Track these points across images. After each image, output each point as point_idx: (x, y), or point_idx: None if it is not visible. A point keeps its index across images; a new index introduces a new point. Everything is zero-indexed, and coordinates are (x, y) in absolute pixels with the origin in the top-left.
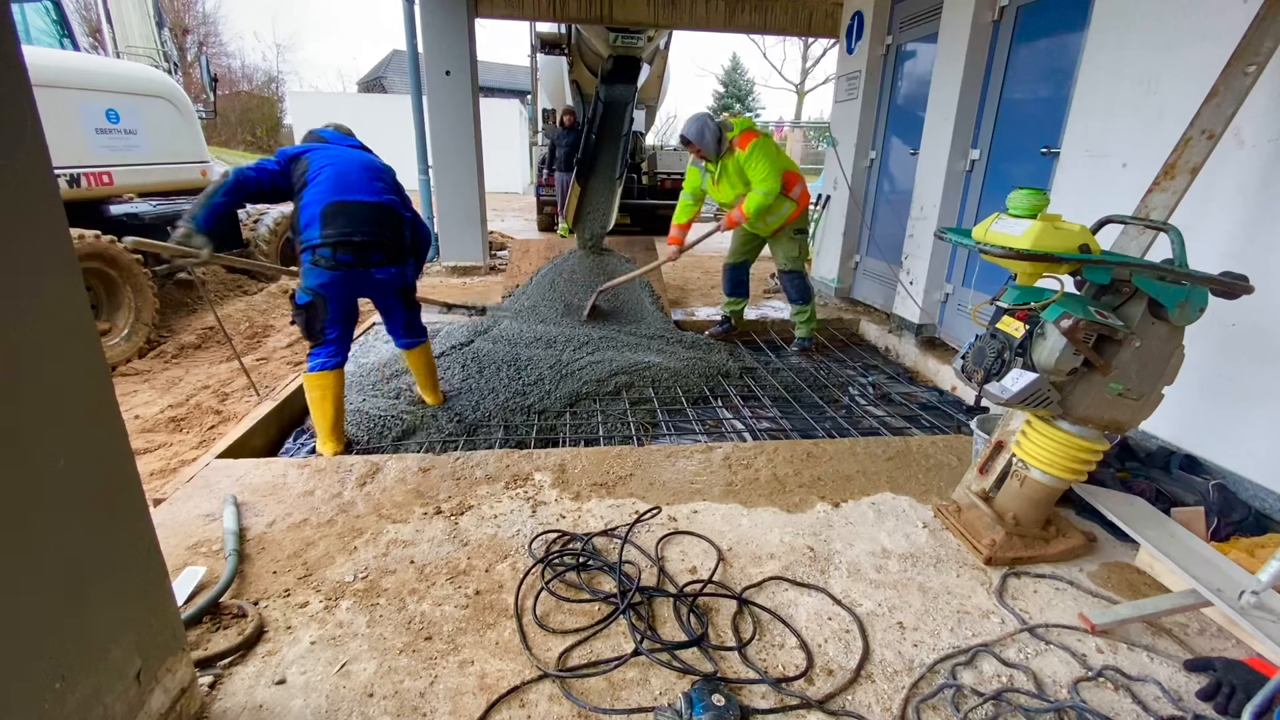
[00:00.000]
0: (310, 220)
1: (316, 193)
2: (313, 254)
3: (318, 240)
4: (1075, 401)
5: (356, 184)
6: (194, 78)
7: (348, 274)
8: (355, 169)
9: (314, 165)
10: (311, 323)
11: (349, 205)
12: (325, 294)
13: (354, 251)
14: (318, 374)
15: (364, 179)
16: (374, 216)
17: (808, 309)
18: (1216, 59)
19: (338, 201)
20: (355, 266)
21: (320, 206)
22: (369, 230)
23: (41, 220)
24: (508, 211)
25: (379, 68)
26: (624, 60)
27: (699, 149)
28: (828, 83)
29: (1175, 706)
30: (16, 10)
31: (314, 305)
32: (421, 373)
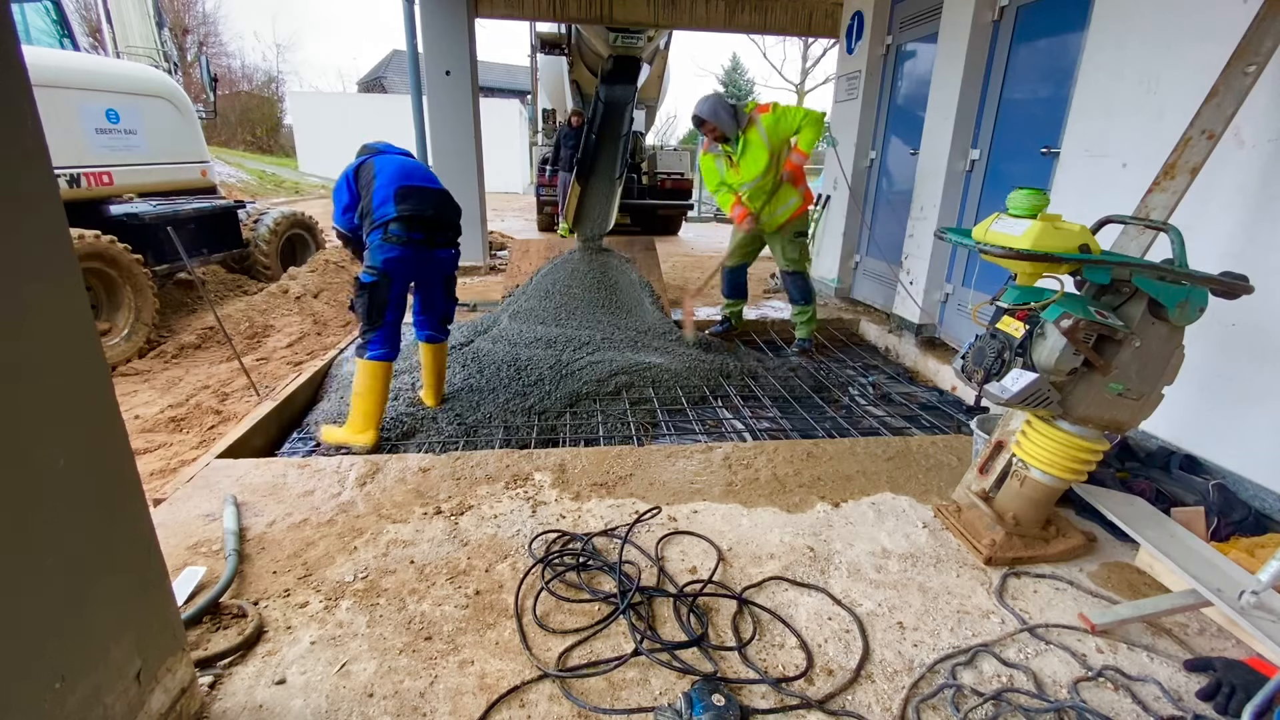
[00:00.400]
0: (385, 199)
1: (388, 178)
2: (384, 231)
3: (393, 214)
4: (1075, 401)
5: (421, 175)
6: (194, 78)
7: (416, 252)
8: (414, 166)
9: (380, 164)
10: (373, 303)
11: (419, 189)
12: (392, 272)
13: (425, 228)
14: (376, 363)
15: (426, 172)
16: (440, 199)
17: (809, 309)
18: (1216, 59)
19: (410, 185)
20: (423, 246)
21: (395, 187)
22: (438, 209)
23: (41, 220)
24: (508, 211)
25: (379, 68)
26: (624, 60)
27: (715, 127)
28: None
29: (1175, 706)
30: (16, 10)
31: (379, 285)
32: (433, 370)
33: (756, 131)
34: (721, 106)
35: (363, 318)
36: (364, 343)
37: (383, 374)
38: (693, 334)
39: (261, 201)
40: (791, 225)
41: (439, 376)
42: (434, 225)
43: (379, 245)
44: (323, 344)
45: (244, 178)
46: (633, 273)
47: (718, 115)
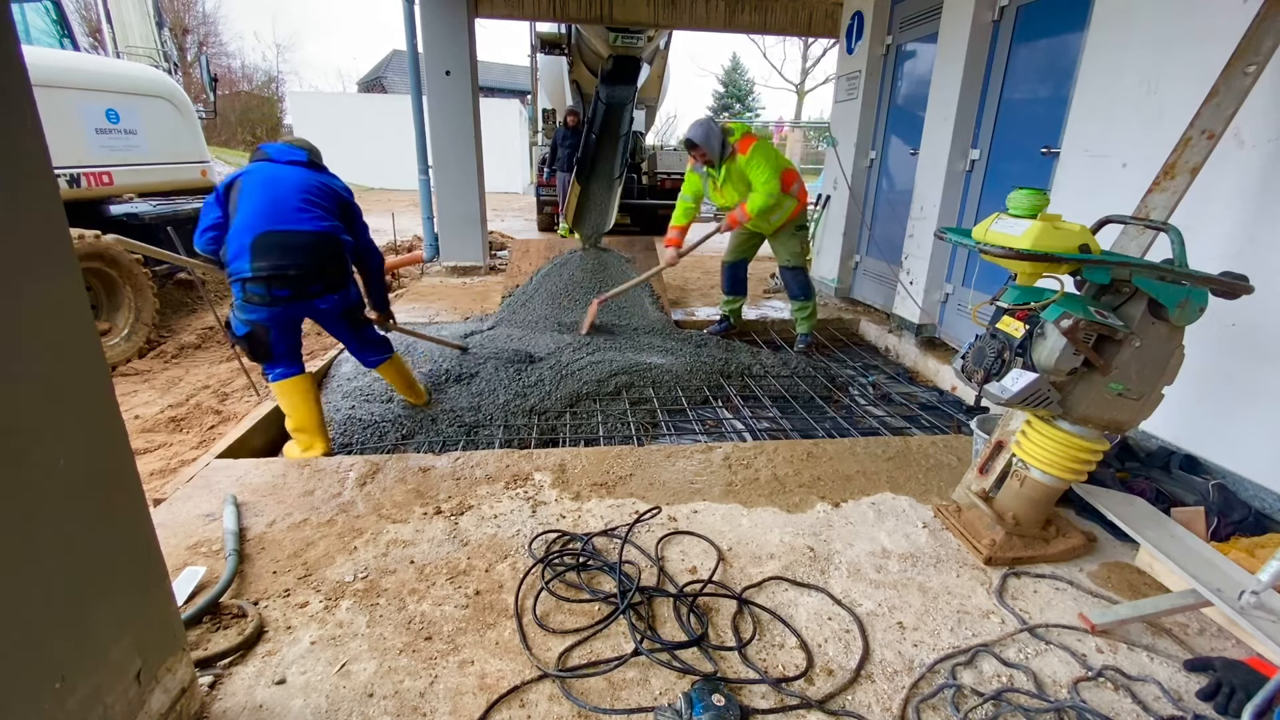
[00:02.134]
0: (240, 251)
1: (245, 220)
2: (243, 289)
3: (248, 273)
4: (1075, 401)
5: (290, 211)
6: (194, 78)
7: (285, 307)
8: (291, 193)
9: (245, 189)
10: (256, 349)
11: (281, 235)
12: (266, 324)
13: (290, 284)
14: (283, 382)
15: (299, 204)
16: (310, 246)
17: (809, 305)
18: (1216, 59)
19: (269, 231)
20: (293, 300)
21: (251, 236)
22: (304, 262)
23: (41, 220)
24: (508, 211)
25: (379, 68)
26: (624, 60)
27: (704, 153)
28: (828, 83)
29: (1175, 706)
30: (16, 10)
31: (253, 335)
32: (398, 383)
33: (734, 167)
34: (714, 134)
35: (250, 359)
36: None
37: (295, 389)
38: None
39: None
40: (792, 221)
41: (408, 383)
42: (302, 279)
43: (241, 304)
44: (323, 344)
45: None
46: (632, 273)
47: (709, 143)
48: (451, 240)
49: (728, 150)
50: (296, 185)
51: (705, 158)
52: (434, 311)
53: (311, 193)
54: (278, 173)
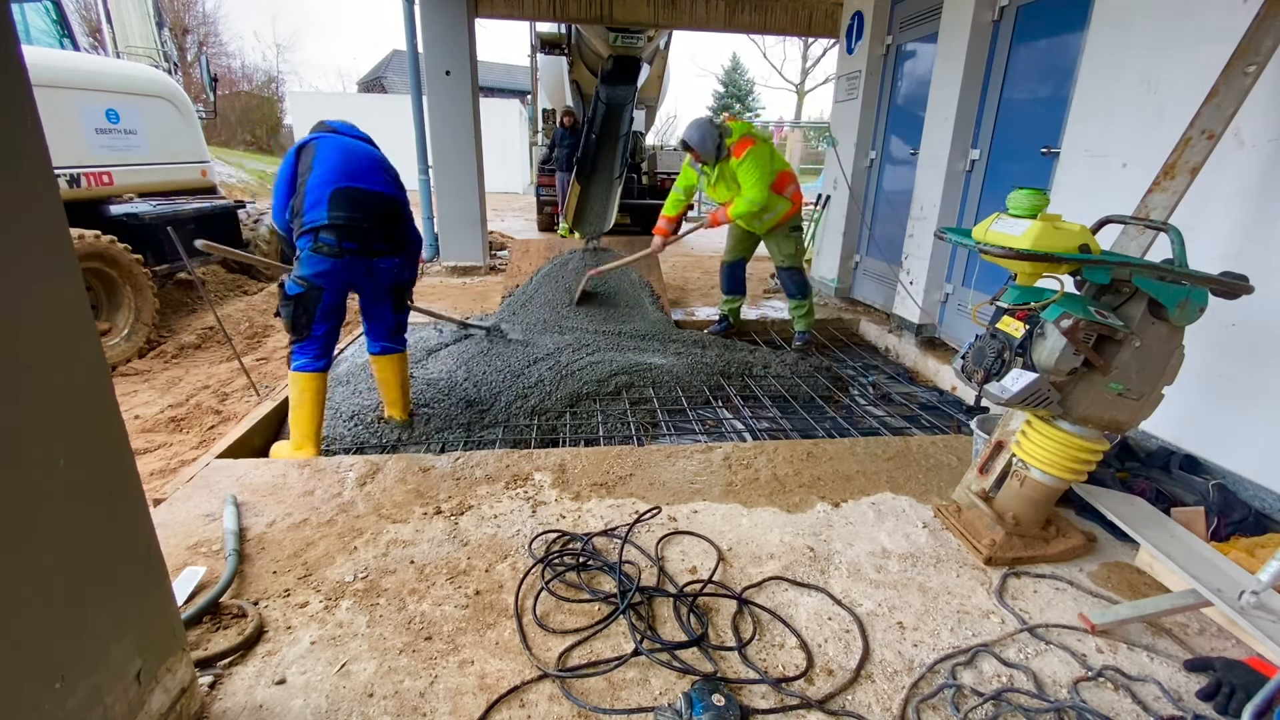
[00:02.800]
0: (318, 201)
1: (325, 175)
2: (314, 239)
3: (325, 220)
4: (1075, 401)
5: (365, 173)
6: (194, 78)
7: (350, 261)
8: (363, 159)
9: (321, 151)
10: (299, 316)
11: (358, 191)
12: (321, 284)
13: (360, 238)
14: (302, 374)
15: (372, 169)
16: (382, 206)
17: (806, 304)
18: (1216, 59)
19: (348, 187)
20: (359, 255)
21: (330, 188)
22: (376, 217)
23: (41, 220)
24: (508, 211)
25: (379, 68)
26: (624, 60)
27: (699, 154)
28: (828, 83)
29: (1175, 706)
30: (16, 10)
31: (305, 296)
32: (393, 385)
33: (728, 169)
34: (709, 137)
35: (288, 328)
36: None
37: (311, 385)
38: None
39: (261, 201)
40: (786, 223)
41: (402, 389)
42: (371, 235)
43: (308, 255)
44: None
45: (244, 178)
46: (633, 273)
47: (704, 146)
48: (451, 240)
49: (723, 152)
50: (369, 154)
51: (700, 158)
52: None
53: (382, 164)
54: (350, 142)
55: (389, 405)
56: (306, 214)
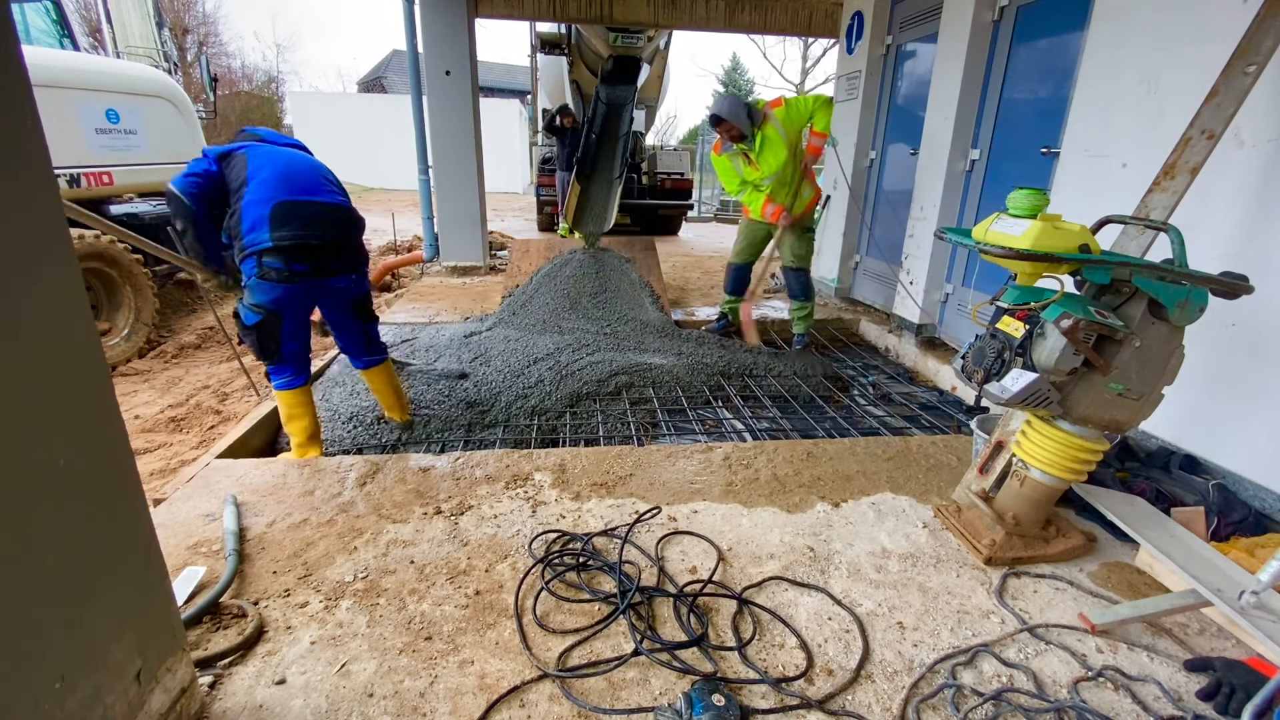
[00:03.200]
0: (257, 222)
1: (261, 191)
2: (259, 264)
3: (268, 243)
4: (1075, 401)
5: (306, 183)
6: (194, 78)
7: (304, 286)
8: (305, 168)
9: (253, 162)
10: (265, 343)
11: (302, 205)
12: (279, 309)
13: (310, 258)
14: (287, 392)
15: (312, 178)
16: (330, 218)
17: (809, 306)
18: (1216, 59)
19: (290, 201)
20: (311, 276)
21: (269, 206)
22: (325, 233)
23: (41, 220)
24: (508, 211)
25: (379, 68)
26: (624, 60)
27: (733, 125)
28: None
29: (1175, 706)
30: (16, 10)
31: (265, 325)
32: (386, 393)
33: (772, 126)
34: (739, 105)
35: (257, 355)
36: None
37: (299, 399)
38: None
39: None
40: (803, 220)
41: (397, 394)
42: (322, 252)
43: (256, 283)
44: (323, 344)
45: None
46: (633, 273)
47: (736, 114)
48: (451, 240)
49: (758, 117)
50: (309, 162)
51: (733, 131)
52: (434, 311)
53: (323, 172)
54: (284, 152)
55: (388, 410)
56: (245, 236)
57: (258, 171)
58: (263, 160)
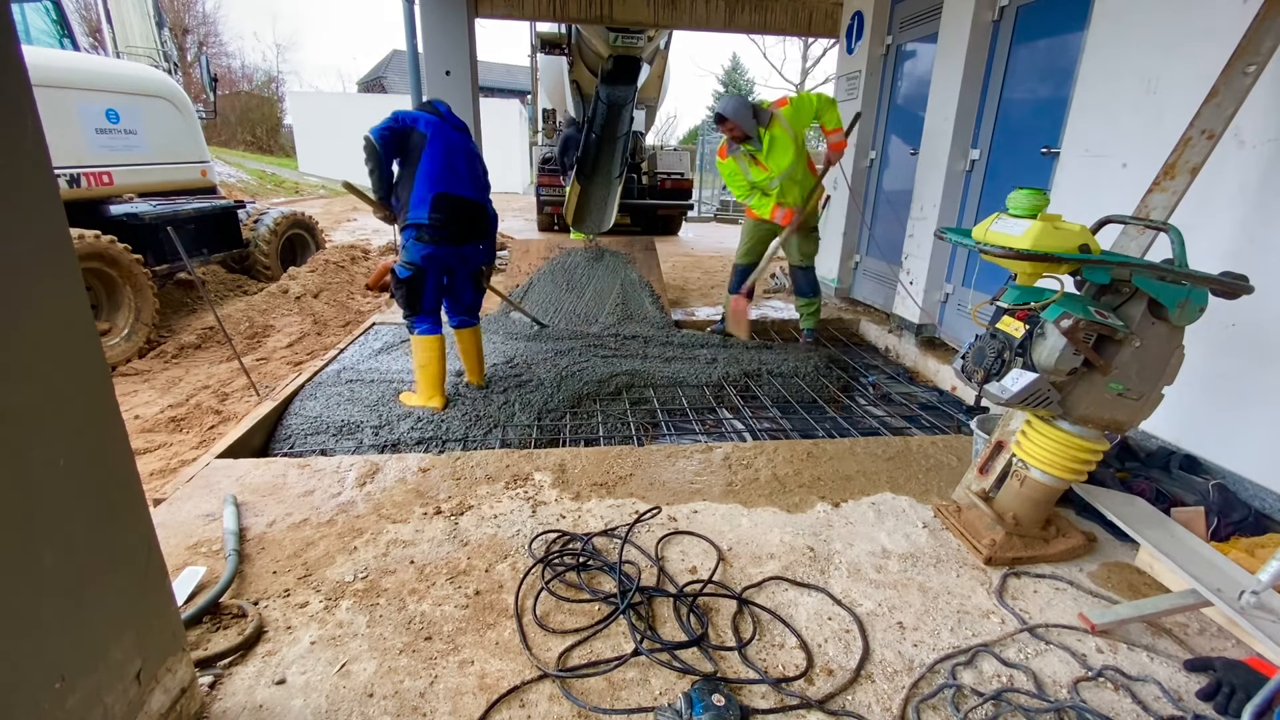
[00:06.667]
0: (421, 202)
1: (431, 176)
2: (418, 231)
3: (426, 221)
4: (1075, 401)
5: (464, 178)
6: (194, 78)
7: (447, 248)
8: (462, 159)
9: (432, 148)
10: (412, 294)
11: (456, 199)
12: (426, 266)
13: (454, 231)
14: (426, 338)
15: (468, 173)
16: (473, 212)
17: (816, 302)
18: (1216, 59)
19: (448, 194)
20: (454, 243)
21: (434, 192)
22: (467, 222)
23: (41, 220)
24: (508, 211)
25: (379, 68)
26: (624, 60)
27: (736, 125)
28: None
29: (1175, 706)
30: (16, 10)
31: (415, 279)
32: (471, 353)
33: (780, 125)
34: (744, 106)
35: (403, 306)
36: (410, 324)
37: (433, 345)
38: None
39: (261, 201)
40: (810, 220)
41: (478, 357)
42: (459, 231)
43: (413, 243)
44: (323, 344)
45: (244, 178)
46: (633, 273)
47: (740, 114)
48: None
49: (764, 117)
50: (465, 154)
51: (736, 132)
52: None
53: (473, 162)
54: (452, 138)
55: (469, 372)
56: (412, 210)
57: (431, 160)
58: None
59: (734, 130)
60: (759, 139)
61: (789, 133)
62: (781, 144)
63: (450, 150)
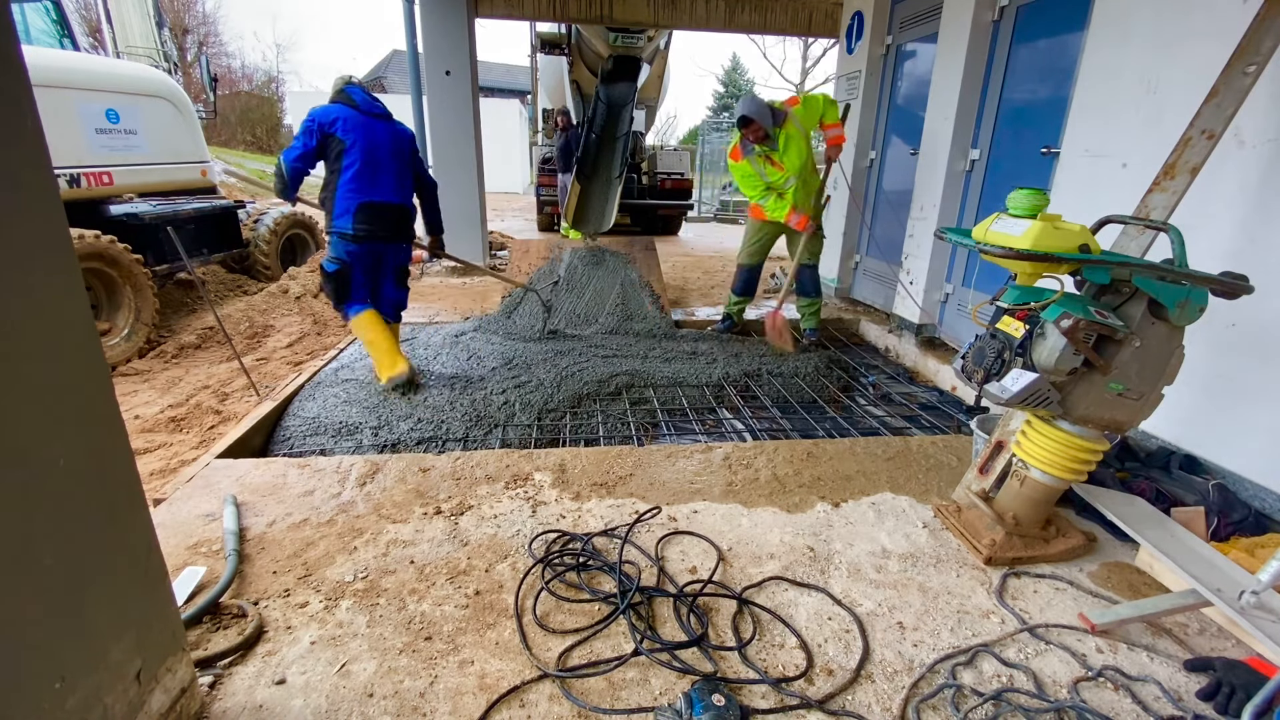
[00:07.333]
0: (344, 212)
1: (353, 187)
2: (341, 236)
3: (349, 230)
4: (1075, 401)
5: (385, 182)
6: (194, 78)
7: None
8: (385, 156)
9: (349, 147)
10: (340, 287)
11: (378, 207)
12: (351, 261)
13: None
14: (359, 315)
15: (392, 170)
16: (395, 216)
17: (819, 302)
18: (1216, 59)
19: (370, 203)
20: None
21: (355, 203)
22: (391, 225)
23: (41, 220)
24: (508, 211)
25: (379, 68)
26: (624, 60)
27: (760, 125)
28: (828, 83)
29: (1175, 706)
30: (16, 10)
31: (341, 273)
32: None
33: (793, 124)
34: (764, 106)
35: (332, 298)
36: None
37: (369, 320)
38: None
39: (261, 201)
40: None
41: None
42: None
43: (338, 241)
44: (323, 344)
45: (244, 177)
46: (633, 273)
47: (762, 114)
48: (451, 240)
49: (780, 117)
50: (388, 150)
51: (759, 133)
52: (434, 311)
53: (397, 158)
54: (374, 134)
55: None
56: (336, 220)
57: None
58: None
59: (757, 131)
60: (775, 139)
61: (801, 131)
62: (796, 142)
63: (371, 151)
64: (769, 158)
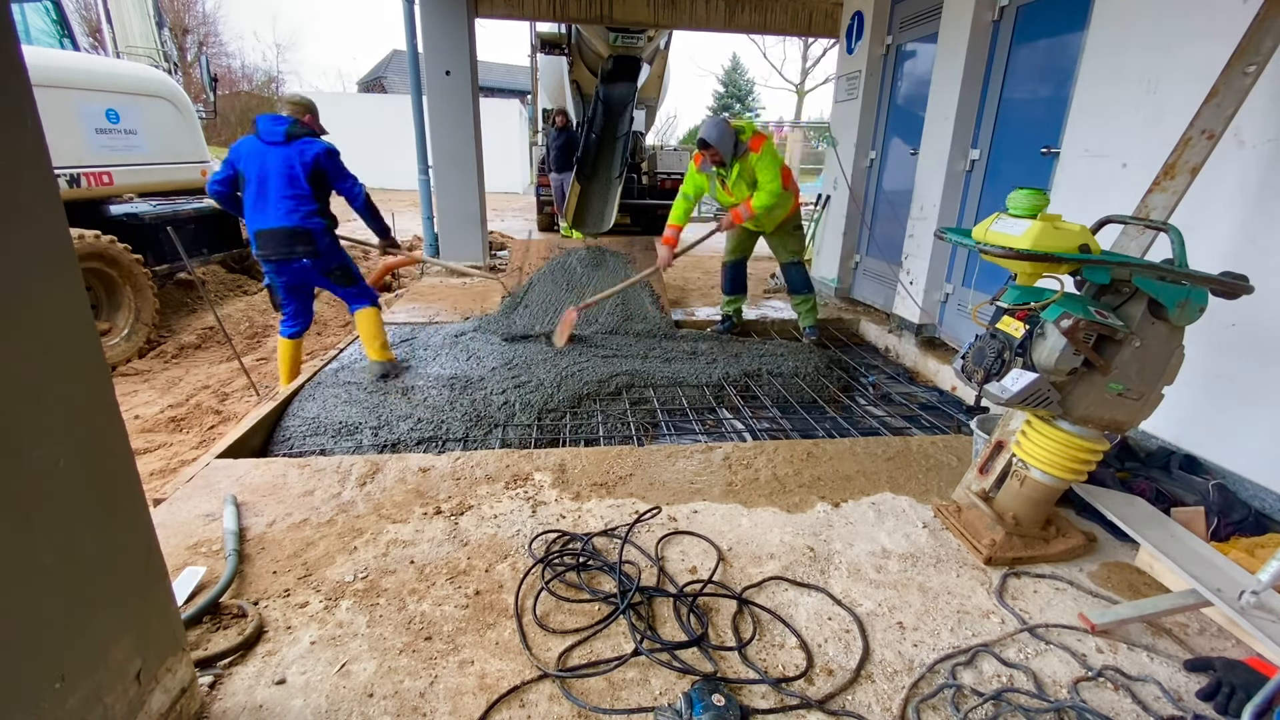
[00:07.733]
0: (251, 236)
1: (247, 214)
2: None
3: (257, 253)
4: (1075, 401)
5: (270, 207)
6: (194, 78)
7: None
8: (274, 184)
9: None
10: (272, 298)
11: (267, 232)
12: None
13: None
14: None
15: (283, 193)
16: (287, 237)
17: (810, 298)
18: (1216, 59)
19: (260, 230)
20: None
21: (252, 229)
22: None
23: (41, 220)
24: (508, 211)
25: (379, 68)
26: (624, 60)
27: (717, 153)
28: (828, 83)
29: (1175, 706)
30: (16, 10)
31: (271, 286)
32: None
33: (745, 165)
34: (727, 135)
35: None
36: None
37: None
38: (565, 342)
39: None
40: (789, 221)
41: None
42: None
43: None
44: (323, 344)
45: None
46: (632, 272)
47: (723, 143)
48: (451, 240)
49: (740, 149)
50: (279, 174)
51: (717, 157)
52: (434, 311)
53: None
54: (265, 161)
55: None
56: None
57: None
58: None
59: (715, 156)
60: (729, 167)
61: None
62: (743, 180)
63: (261, 179)
64: (722, 181)
